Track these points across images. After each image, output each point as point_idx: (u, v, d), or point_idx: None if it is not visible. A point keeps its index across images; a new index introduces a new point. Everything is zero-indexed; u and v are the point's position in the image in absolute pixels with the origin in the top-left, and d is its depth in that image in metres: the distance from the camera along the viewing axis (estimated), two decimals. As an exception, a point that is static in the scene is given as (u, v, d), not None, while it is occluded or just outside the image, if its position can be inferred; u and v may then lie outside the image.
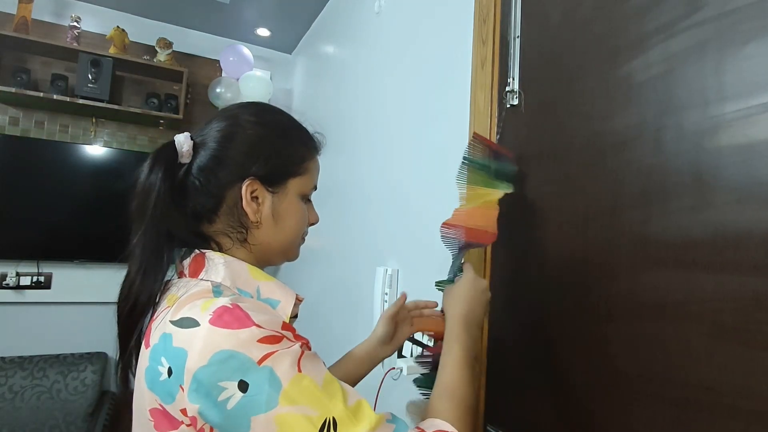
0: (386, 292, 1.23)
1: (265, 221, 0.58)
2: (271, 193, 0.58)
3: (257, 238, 0.58)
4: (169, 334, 0.46)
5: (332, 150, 1.95)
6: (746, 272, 0.49)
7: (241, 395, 0.42)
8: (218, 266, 0.54)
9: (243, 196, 0.56)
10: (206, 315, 0.45)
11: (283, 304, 0.56)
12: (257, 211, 0.57)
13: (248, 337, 0.44)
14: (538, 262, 0.78)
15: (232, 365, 0.43)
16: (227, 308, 0.46)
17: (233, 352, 0.43)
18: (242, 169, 0.56)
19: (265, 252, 0.60)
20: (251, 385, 0.42)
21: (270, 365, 0.43)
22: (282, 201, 0.59)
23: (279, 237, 0.60)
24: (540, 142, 0.80)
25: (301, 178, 0.62)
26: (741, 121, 0.51)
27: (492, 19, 0.93)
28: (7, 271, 2.17)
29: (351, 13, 1.88)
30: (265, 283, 0.57)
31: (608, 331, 0.64)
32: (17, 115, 2.24)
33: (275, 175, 0.59)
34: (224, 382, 0.42)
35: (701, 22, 0.56)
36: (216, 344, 0.43)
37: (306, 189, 0.63)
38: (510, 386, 0.82)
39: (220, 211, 0.57)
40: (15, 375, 2.07)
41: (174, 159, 0.56)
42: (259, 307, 0.49)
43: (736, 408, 0.49)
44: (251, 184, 0.56)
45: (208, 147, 0.57)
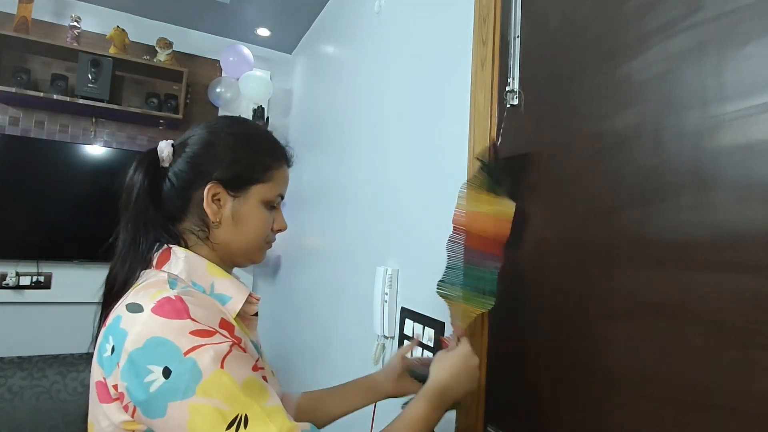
0: (386, 292, 1.23)
1: (225, 222, 0.63)
2: (232, 196, 0.63)
3: (218, 237, 0.63)
4: (120, 316, 0.51)
5: (332, 150, 1.95)
6: (746, 272, 0.49)
7: (163, 380, 0.46)
8: (179, 260, 0.59)
9: (204, 197, 0.61)
10: (151, 303, 0.51)
11: (234, 300, 0.60)
12: (217, 213, 0.62)
13: (180, 328, 0.49)
14: (537, 261, 0.78)
15: (161, 351, 0.47)
16: (170, 299, 0.51)
17: (164, 339, 0.48)
18: (207, 172, 0.62)
19: (227, 252, 0.65)
20: (173, 372, 0.47)
21: (194, 357, 0.47)
22: (243, 205, 0.64)
23: (239, 238, 0.64)
24: (540, 142, 0.80)
25: (265, 185, 0.65)
26: (740, 121, 0.51)
27: (492, 19, 0.93)
28: (7, 271, 2.17)
29: (351, 13, 1.88)
30: (220, 279, 0.61)
31: (608, 331, 0.64)
32: (17, 115, 2.24)
33: (238, 180, 0.63)
34: (151, 366, 0.47)
35: (701, 22, 0.56)
36: (151, 330, 0.48)
37: (270, 196, 0.66)
38: (510, 386, 0.81)
39: (188, 210, 0.63)
40: (14, 375, 2.06)
41: (155, 162, 0.63)
42: (202, 302, 0.54)
43: (736, 408, 0.49)
44: (213, 187, 0.62)
45: (184, 152, 0.64)
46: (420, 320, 1.10)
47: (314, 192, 2.12)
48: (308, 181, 2.24)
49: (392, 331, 1.24)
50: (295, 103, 2.72)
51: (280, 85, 2.78)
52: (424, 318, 1.09)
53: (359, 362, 1.46)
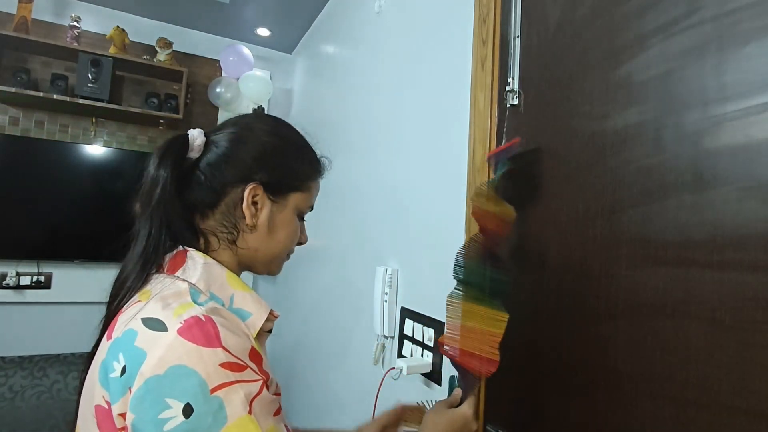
0: (386, 292, 1.24)
1: (260, 227, 0.59)
2: (271, 201, 0.59)
3: (247, 243, 0.59)
4: (135, 332, 0.45)
5: (332, 150, 1.94)
6: (746, 271, 0.49)
7: (182, 420, 0.40)
8: (197, 266, 0.53)
9: (245, 197, 0.56)
10: (176, 322, 0.44)
11: (255, 317, 0.54)
12: (255, 216, 0.58)
13: (211, 359, 0.42)
14: (537, 261, 0.78)
15: (185, 384, 0.41)
16: (199, 320, 0.45)
17: (191, 370, 0.41)
18: (249, 171, 0.57)
19: (250, 258, 0.60)
20: (196, 412, 0.41)
21: (222, 397, 0.42)
22: (280, 212, 0.60)
23: (268, 246, 0.60)
24: (540, 141, 0.80)
25: (302, 194, 0.63)
26: (741, 120, 0.51)
27: (492, 19, 0.93)
28: (7, 271, 2.17)
29: (351, 13, 1.88)
30: (240, 292, 0.55)
31: (608, 331, 0.64)
32: (17, 115, 2.24)
33: (279, 185, 0.60)
34: (171, 400, 0.41)
35: (701, 22, 0.56)
36: (177, 356, 0.42)
37: (304, 206, 0.64)
38: (510, 386, 0.82)
39: (217, 208, 0.58)
40: (15, 374, 2.07)
41: (184, 152, 0.57)
42: (233, 325, 0.48)
43: (736, 407, 0.49)
44: (255, 188, 0.57)
45: (220, 145, 0.59)
46: (420, 320, 1.10)
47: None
48: (308, 181, 2.24)
49: (392, 331, 1.24)
50: (295, 103, 2.72)
51: (280, 85, 2.78)
52: (424, 318, 1.09)
53: (359, 362, 1.46)
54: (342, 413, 1.59)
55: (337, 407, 1.63)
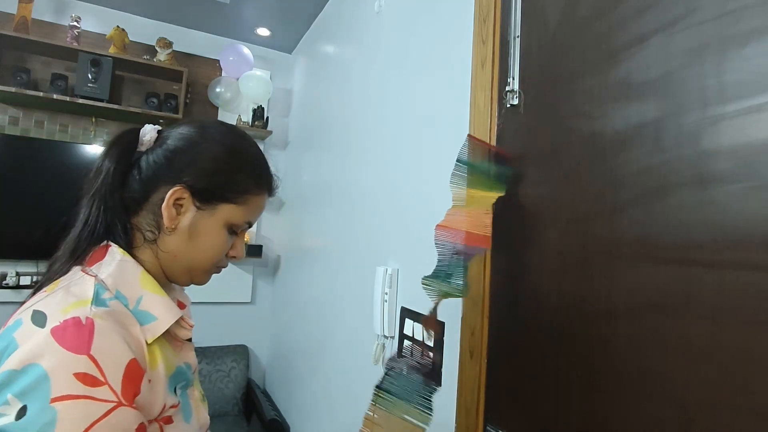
0: (386, 292, 1.24)
1: (179, 232, 0.57)
2: (196, 207, 0.57)
3: (167, 245, 0.57)
4: (21, 322, 0.45)
5: (332, 150, 1.95)
6: (747, 271, 0.49)
7: (12, 420, 0.39)
8: (112, 262, 0.52)
9: (166, 198, 0.55)
10: (57, 320, 0.44)
11: (159, 322, 0.52)
12: (174, 219, 0.56)
13: (68, 366, 0.41)
14: (537, 261, 0.78)
15: (32, 385, 0.40)
16: (79, 322, 0.43)
17: (44, 373, 0.40)
18: (180, 173, 0.56)
19: (171, 263, 0.58)
20: (27, 417, 0.39)
21: (58, 410, 0.39)
22: (204, 220, 0.57)
23: (188, 253, 0.58)
24: (540, 141, 0.80)
25: (236, 207, 0.59)
26: (741, 120, 0.51)
27: (492, 19, 0.93)
28: (7, 271, 2.17)
29: (351, 12, 1.88)
30: (150, 295, 0.53)
31: (608, 331, 0.64)
32: (17, 115, 2.23)
33: (209, 193, 0.57)
34: (12, 397, 0.39)
35: (701, 22, 0.56)
36: (38, 355, 0.41)
37: (236, 220, 0.60)
38: (510, 386, 0.82)
39: (145, 205, 0.57)
40: (15, 375, 2.06)
41: (133, 145, 0.58)
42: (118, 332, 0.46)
43: (737, 407, 0.49)
44: (178, 191, 0.55)
45: (166, 143, 0.59)
46: (420, 320, 1.10)
47: (314, 192, 2.12)
48: (308, 181, 2.24)
49: (392, 331, 1.24)
50: (294, 103, 2.72)
51: (280, 85, 2.78)
52: (424, 318, 1.09)
53: (359, 362, 1.46)
54: (342, 413, 1.59)
55: (337, 407, 1.63)
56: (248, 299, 2.66)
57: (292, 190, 2.53)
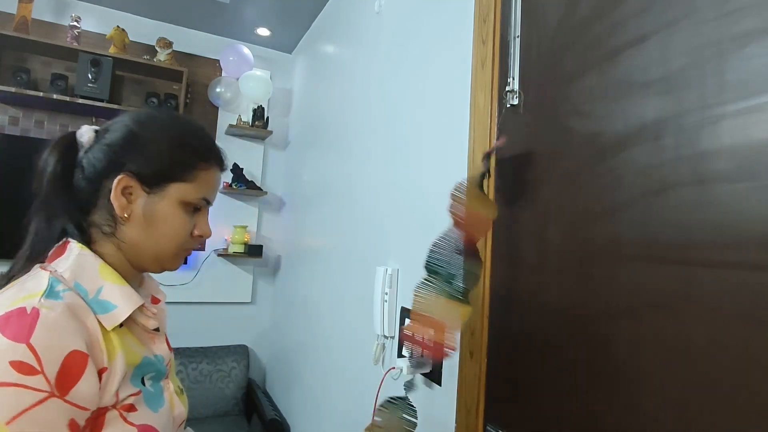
0: (386, 292, 1.24)
1: (135, 220, 0.56)
2: (146, 192, 0.57)
3: (126, 236, 0.57)
4: None
5: (332, 149, 1.95)
6: (747, 271, 0.49)
7: None
8: (70, 257, 0.53)
9: (113, 188, 0.55)
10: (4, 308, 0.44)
11: (120, 310, 0.53)
12: (126, 207, 0.56)
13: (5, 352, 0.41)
14: (537, 261, 0.78)
15: None
16: (23, 312, 0.44)
17: None
18: (121, 162, 0.56)
19: (136, 253, 0.58)
20: None
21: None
22: (157, 203, 0.57)
23: (150, 240, 0.57)
24: (540, 141, 0.80)
25: (187, 185, 0.58)
26: (741, 120, 0.51)
27: (492, 19, 0.93)
28: (7, 271, 2.17)
29: (351, 12, 1.88)
30: (110, 285, 0.54)
31: (608, 330, 0.64)
32: (17, 115, 2.23)
33: (155, 175, 0.57)
34: None
35: (701, 22, 0.56)
36: None
37: (191, 197, 0.59)
38: (510, 386, 0.82)
39: (98, 201, 0.57)
40: (15, 375, 2.06)
41: (72, 146, 0.58)
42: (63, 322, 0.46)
43: (737, 407, 0.49)
44: (124, 179, 0.55)
45: (102, 138, 0.58)
46: (420, 320, 1.10)
47: (314, 192, 2.12)
48: (308, 181, 2.24)
49: (392, 331, 1.24)
50: (295, 103, 2.72)
51: (280, 85, 2.78)
52: (424, 318, 1.09)
53: (359, 362, 1.46)
54: (342, 413, 1.59)
55: (337, 407, 1.63)
56: (248, 299, 2.66)
57: (293, 190, 2.53)
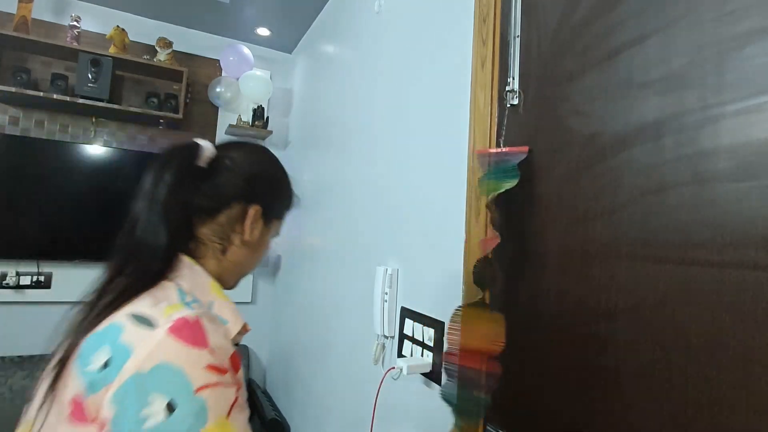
0: (386, 291, 1.24)
1: (249, 244, 0.64)
2: (263, 224, 0.65)
3: (234, 255, 0.62)
4: (121, 326, 0.45)
5: (332, 149, 1.95)
6: (746, 270, 0.49)
7: (163, 417, 0.40)
8: (184, 269, 0.56)
9: (249, 215, 0.62)
10: (166, 321, 0.45)
11: (231, 325, 0.56)
12: (252, 234, 0.63)
13: (198, 360, 0.43)
14: (537, 261, 0.78)
15: (170, 382, 0.42)
16: (188, 322, 0.45)
17: (178, 369, 0.42)
18: (255, 194, 0.63)
19: (231, 271, 0.63)
20: (178, 410, 0.41)
21: (204, 398, 0.42)
22: (265, 234, 0.67)
23: (248, 262, 0.66)
24: (540, 141, 0.80)
25: (279, 222, 0.70)
26: (740, 120, 0.51)
27: (492, 19, 0.93)
28: (7, 271, 2.17)
29: (351, 12, 1.88)
30: (220, 301, 0.57)
31: (608, 331, 0.64)
32: (17, 115, 2.23)
33: (271, 212, 0.66)
34: (154, 397, 0.41)
35: (701, 22, 0.56)
36: (165, 355, 0.42)
37: (277, 230, 0.70)
38: (510, 386, 0.82)
39: (216, 218, 0.60)
40: (15, 374, 2.07)
41: (192, 159, 0.59)
42: (219, 329, 0.48)
43: (737, 407, 0.49)
44: (260, 210, 0.63)
45: (235, 162, 0.62)
46: (420, 320, 1.10)
47: (314, 192, 2.12)
48: (308, 181, 2.24)
49: (392, 330, 1.24)
50: (295, 103, 2.72)
51: (280, 85, 2.78)
52: (424, 318, 1.09)
53: (359, 362, 1.46)
54: (342, 413, 1.59)
55: (337, 407, 1.63)
56: (248, 299, 2.66)
57: (292, 190, 2.52)
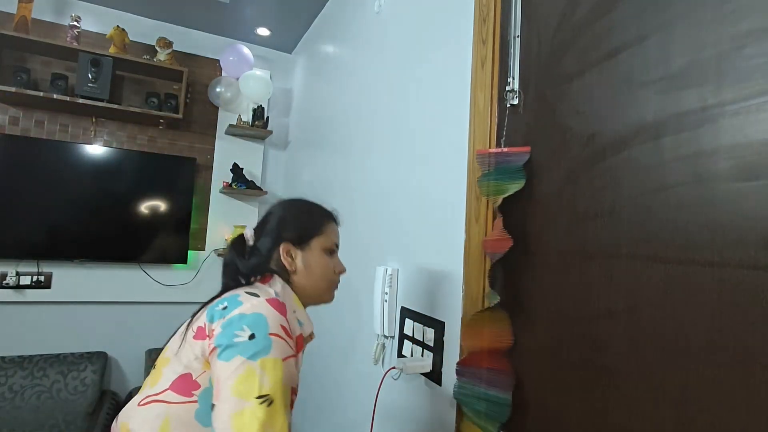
0: (386, 291, 1.24)
1: (299, 270, 0.83)
2: (300, 250, 0.84)
3: (296, 282, 0.83)
4: (237, 295, 0.71)
5: (332, 149, 1.95)
6: (746, 270, 0.49)
7: (246, 339, 0.64)
8: (278, 284, 0.80)
9: (281, 253, 0.82)
10: (265, 296, 0.71)
11: (306, 326, 0.82)
12: (292, 263, 0.83)
13: (277, 319, 0.67)
14: (538, 261, 0.78)
15: (257, 322, 0.66)
16: (278, 301, 0.71)
17: (264, 318, 0.66)
18: (279, 236, 0.83)
19: (302, 293, 0.84)
20: (255, 340, 0.64)
21: (272, 339, 0.65)
22: (309, 255, 0.84)
23: (310, 281, 0.84)
24: (540, 141, 0.80)
25: (321, 237, 0.86)
26: (740, 120, 0.51)
27: (492, 19, 0.93)
28: (7, 271, 2.17)
29: (351, 12, 1.88)
30: (300, 309, 0.82)
31: (608, 330, 0.64)
32: (17, 115, 2.24)
33: (301, 237, 0.84)
34: (245, 327, 0.65)
35: (701, 22, 0.56)
36: (260, 309, 0.67)
37: (327, 244, 0.86)
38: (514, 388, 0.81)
39: (270, 265, 0.83)
40: (15, 374, 2.07)
41: (243, 242, 0.86)
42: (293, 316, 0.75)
43: (737, 406, 0.49)
44: (285, 246, 0.82)
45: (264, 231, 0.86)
46: (420, 320, 1.11)
47: (314, 192, 2.12)
48: (308, 181, 2.24)
49: (392, 330, 1.24)
50: (295, 103, 2.72)
51: (280, 85, 2.78)
52: (424, 318, 1.09)
53: (359, 362, 1.46)
54: (342, 413, 1.59)
55: (337, 407, 1.63)
56: (248, 299, 2.66)
57: (292, 190, 2.53)
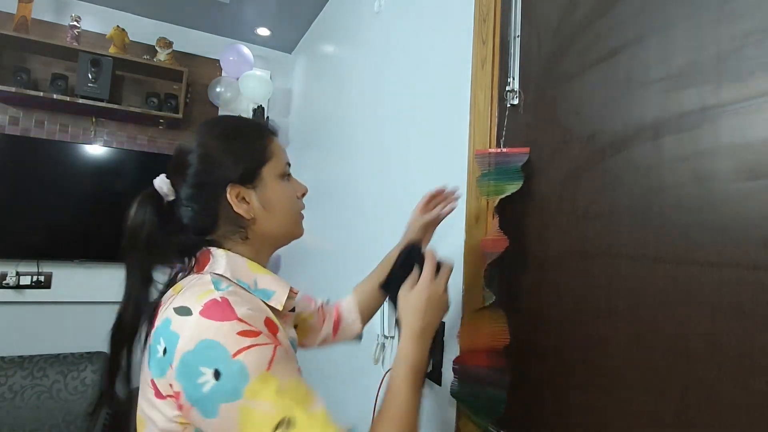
0: (386, 291, 1.23)
1: (259, 214, 0.64)
2: (252, 189, 0.64)
3: (257, 231, 0.65)
4: (169, 319, 0.52)
5: (332, 149, 1.95)
6: (746, 270, 0.49)
7: (214, 382, 0.48)
8: (220, 260, 0.60)
9: (231, 202, 0.62)
10: (198, 306, 0.52)
11: (278, 294, 0.62)
12: (249, 210, 0.63)
13: (229, 330, 0.50)
14: (538, 261, 0.78)
15: (211, 354, 0.49)
16: (216, 301, 0.52)
17: (213, 342, 0.49)
18: (219, 182, 0.62)
19: (268, 240, 0.67)
20: (223, 374, 0.48)
21: (242, 359, 0.49)
22: (265, 190, 0.64)
23: (275, 222, 0.66)
24: (540, 141, 0.80)
25: (270, 162, 0.66)
26: (740, 120, 0.51)
27: (492, 19, 0.93)
28: (7, 271, 2.17)
29: (351, 12, 1.88)
30: (262, 275, 0.62)
31: (608, 330, 0.64)
32: (17, 115, 2.24)
33: (248, 170, 0.63)
34: (203, 368, 0.48)
35: (701, 22, 0.56)
36: (201, 333, 0.49)
37: (279, 169, 0.67)
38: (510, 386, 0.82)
39: (219, 222, 0.64)
40: (15, 374, 2.07)
41: (159, 198, 0.64)
42: (246, 301, 0.55)
43: (737, 407, 0.49)
44: (232, 190, 0.62)
45: (186, 178, 0.63)
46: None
47: (314, 192, 2.11)
48: (308, 181, 2.24)
49: (392, 330, 1.24)
50: (295, 103, 2.72)
51: (279, 85, 2.78)
52: (424, 317, 1.09)
53: (359, 362, 1.46)
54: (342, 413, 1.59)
55: (337, 407, 1.63)
56: (248, 299, 2.66)
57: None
